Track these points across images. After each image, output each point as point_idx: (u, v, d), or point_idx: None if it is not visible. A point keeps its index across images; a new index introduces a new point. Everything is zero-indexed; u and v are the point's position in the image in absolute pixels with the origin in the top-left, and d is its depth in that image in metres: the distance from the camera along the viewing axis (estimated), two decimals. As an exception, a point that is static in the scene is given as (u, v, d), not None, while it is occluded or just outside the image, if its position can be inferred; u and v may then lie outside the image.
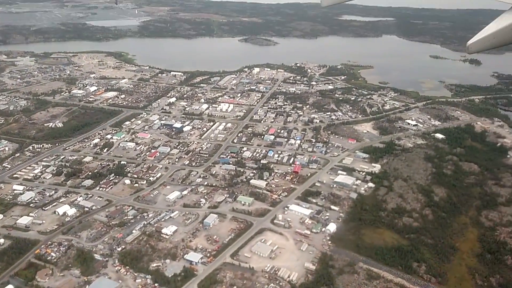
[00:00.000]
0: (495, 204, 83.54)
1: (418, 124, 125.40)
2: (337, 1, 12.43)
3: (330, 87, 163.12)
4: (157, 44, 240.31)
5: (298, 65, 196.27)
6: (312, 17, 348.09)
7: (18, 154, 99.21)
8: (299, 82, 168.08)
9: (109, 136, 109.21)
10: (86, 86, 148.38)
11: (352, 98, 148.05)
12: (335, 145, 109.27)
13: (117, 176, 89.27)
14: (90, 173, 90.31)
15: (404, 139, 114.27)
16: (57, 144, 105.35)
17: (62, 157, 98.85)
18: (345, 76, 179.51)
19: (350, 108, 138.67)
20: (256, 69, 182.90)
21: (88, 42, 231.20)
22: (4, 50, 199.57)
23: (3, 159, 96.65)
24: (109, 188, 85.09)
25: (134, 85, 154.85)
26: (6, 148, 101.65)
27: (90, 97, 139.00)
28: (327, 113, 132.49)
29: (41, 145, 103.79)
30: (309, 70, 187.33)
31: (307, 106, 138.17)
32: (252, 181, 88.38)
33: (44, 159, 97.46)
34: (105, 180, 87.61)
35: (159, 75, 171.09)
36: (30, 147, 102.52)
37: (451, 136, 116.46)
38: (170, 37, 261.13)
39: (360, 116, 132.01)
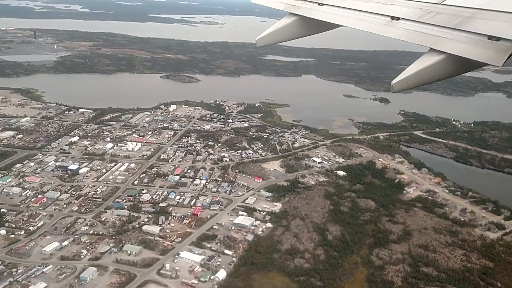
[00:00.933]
0: (386, 241, 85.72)
1: (323, 161, 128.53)
2: (271, 42, 12.45)
3: (246, 124, 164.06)
4: (71, 80, 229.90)
5: (217, 102, 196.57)
6: (237, 56, 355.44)
7: None
8: (215, 120, 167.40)
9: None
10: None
11: (265, 136, 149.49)
12: (241, 184, 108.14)
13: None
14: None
15: (308, 177, 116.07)
16: None
17: None
18: (262, 114, 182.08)
19: (262, 146, 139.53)
20: (173, 106, 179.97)
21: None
22: None
23: None
24: (-20, 241, 76.04)
25: (36, 124, 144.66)
26: None
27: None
28: (238, 151, 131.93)
29: None
30: (227, 108, 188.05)
31: (219, 145, 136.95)
32: (145, 227, 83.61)
33: None
34: (-24, 232, 78.36)
35: (66, 112, 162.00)
36: None
37: (353, 173, 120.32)
38: (88, 72, 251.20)
39: (270, 154, 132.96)
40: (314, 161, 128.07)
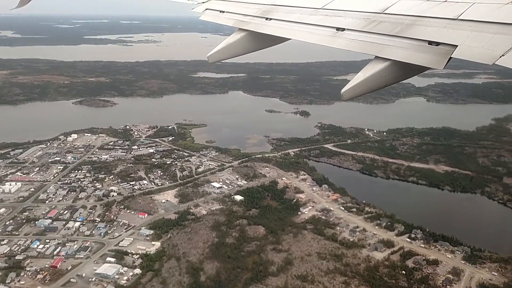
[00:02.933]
0: (265, 275, 79.16)
1: (223, 186, 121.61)
2: (222, 58, 12.42)
3: (151, 150, 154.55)
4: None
5: (127, 127, 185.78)
6: (165, 75, 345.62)
7: None
8: (117, 148, 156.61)
9: None
10: None
11: (168, 162, 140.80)
12: (121, 223, 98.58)
13: None
14: None
15: (202, 206, 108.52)
16: None
17: None
18: (173, 137, 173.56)
19: (161, 174, 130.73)
20: (74, 136, 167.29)
21: None
22: None
23: None
24: None
25: None
26: None
27: None
28: (131, 183, 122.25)
29: None
30: (136, 133, 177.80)
31: (111, 177, 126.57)
32: (-15, 290, 72.32)
33: None
34: None
35: None
36: None
37: (251, 196, 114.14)
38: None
39: (167, 182, 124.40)
40: (214, 186, 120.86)
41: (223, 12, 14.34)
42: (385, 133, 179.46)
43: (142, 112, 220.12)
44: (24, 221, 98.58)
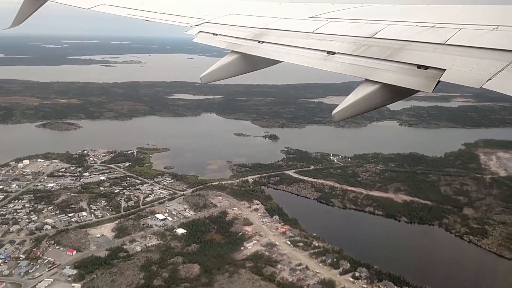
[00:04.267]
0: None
1: (168, 218, 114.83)
2: (214, 79, 12.52)
3: (102, 178, 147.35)
4: None
5: (85, 152, 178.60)
6: (139, 97, 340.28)
7: None
8: (67, 175, 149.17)
9: None
10: None
11: (116, 191, 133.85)
12: (46, 261, 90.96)
13: None
14: None
15: (138, 241, 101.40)
16: None
17: None
18: (130, 163, 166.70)
19: (105, 204, 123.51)
20: (25, 162, 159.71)
21: None
22: None
23: None
24: None
25: None
26: None
27: None
28: (70, 215, 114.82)
29: None
30: (92, 158, 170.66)
31: (50, 208, 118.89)
32: None
33: None
34: None
35: None
36: None
37: (194, 229, 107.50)
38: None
39: (108, 214, 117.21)
40: (157, 218, 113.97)
41: (217, 35, 14.39)
42: (349, 159, 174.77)
43: (104, 135, 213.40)
44: None
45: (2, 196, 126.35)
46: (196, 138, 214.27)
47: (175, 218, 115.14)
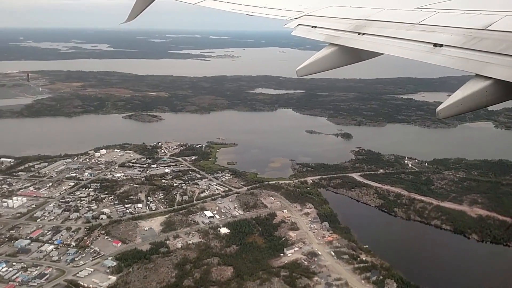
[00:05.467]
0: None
1: (216, 215, 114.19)
2: (311, 72, 12.14)
3: (167, 170, 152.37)
4: (25, 125, 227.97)
5: (159, 144, 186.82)
6: (222, 91, 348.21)
7: None
8: (137, 166, 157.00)
9: None
10: None
11: (175, 184, 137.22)
12: (92, 250, 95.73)
13: None
14: None
15: (181, 237, 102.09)
16: None
17: None
18: (196, 157, 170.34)
19: (162, 197, 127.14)
20: (102, 151, 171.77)
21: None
22: None
23: None
24: None
25: None
26: None
27: None
28: (127, 206, 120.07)
29: None
30: (164, 150, 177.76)
31: (111, 197, 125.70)
32: None
33: None
34: None
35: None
36: None
37: (238, 230, 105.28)
38: (52, 116, 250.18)
39: (162, 207, 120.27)
40: (205, 215, 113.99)
41: (315, 27, 14.15)
42: (426, 164, 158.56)
43: (180, 128, 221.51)
44: (6, 239, 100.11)
45: (73, 184, 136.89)
46: (265, 134, 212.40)
47: (223, 216, 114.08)
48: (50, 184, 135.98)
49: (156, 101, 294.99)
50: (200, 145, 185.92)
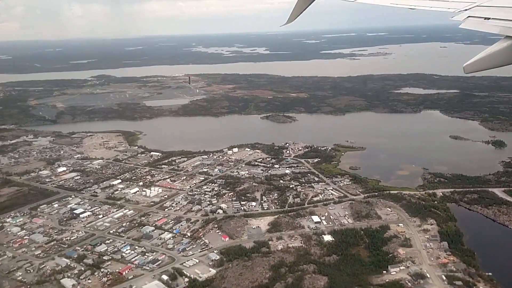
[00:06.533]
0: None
1: (323, 222, 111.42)
2: (481, 68, 12.81)
3: (287, 171, 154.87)
4: (179, 123, 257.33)
5: (287, 144, 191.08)
6: (363, 91, 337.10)
7: None
8: (261, 165, 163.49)
9: (9, 220, 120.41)
10: (57, 167, 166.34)
11: (291, 186, 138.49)
12: (202, 242, 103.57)
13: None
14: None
15: (284, 240, 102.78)
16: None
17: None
18: (319, 159, 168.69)
19: (276, 197, 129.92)
20: (234, 150, 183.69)
21: (120, 121, 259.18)
22: (33, 130, 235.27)
23: None
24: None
25: (102, 166, 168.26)
26: None
27: (51, 178, 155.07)
28: (242, 203, 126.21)
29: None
30: (290, 151, 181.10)
31: (231, 194, 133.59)
32: (63, 280, 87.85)
33: None
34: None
35: (138, 155, 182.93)
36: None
37: (342, 239, 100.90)
38: (202, 115, 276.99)
39: (273, 207, 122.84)
40: (312, 220, 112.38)
41: (489, 19, 13.25)
42: None
43: (311, 129, 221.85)
44: (136, 225, 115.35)
45: (203, 178, 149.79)
46: (400, 138, 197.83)
47: (330, 223, 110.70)
48: (184, 177, 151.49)
49: (294, 102, 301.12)
50: (325, 148, 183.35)
